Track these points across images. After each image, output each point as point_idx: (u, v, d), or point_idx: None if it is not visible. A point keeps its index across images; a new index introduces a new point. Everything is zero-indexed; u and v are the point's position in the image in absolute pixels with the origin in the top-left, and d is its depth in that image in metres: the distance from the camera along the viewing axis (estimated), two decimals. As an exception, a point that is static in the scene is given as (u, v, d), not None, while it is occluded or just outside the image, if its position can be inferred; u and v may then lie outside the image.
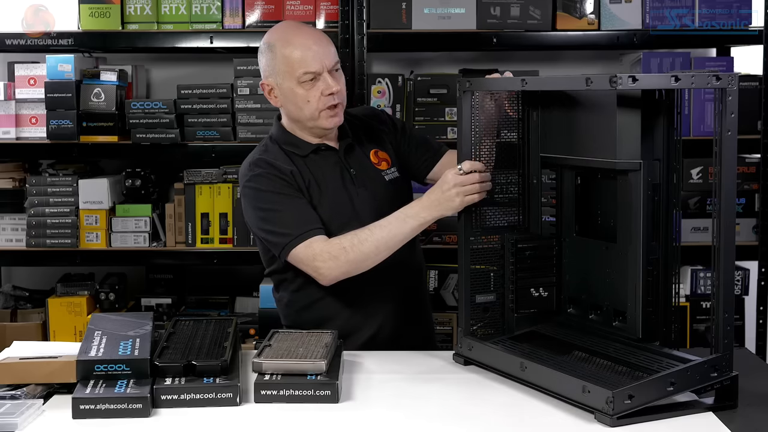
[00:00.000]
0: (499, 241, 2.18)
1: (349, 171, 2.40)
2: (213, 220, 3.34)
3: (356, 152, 2.44)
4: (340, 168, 2.40)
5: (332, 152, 2.42)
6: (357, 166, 2.42)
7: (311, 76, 2.31)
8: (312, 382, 1.92)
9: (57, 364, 1.95)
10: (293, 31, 2.38)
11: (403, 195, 2.45)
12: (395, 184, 2.45)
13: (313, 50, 2.32)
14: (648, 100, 1.92)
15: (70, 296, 3.37)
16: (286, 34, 2.36)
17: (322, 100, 2.32)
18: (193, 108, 3.31)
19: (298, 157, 2.39)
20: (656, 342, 1.99)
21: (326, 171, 2.39)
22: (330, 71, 2.33)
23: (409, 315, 2.44)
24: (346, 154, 2.42)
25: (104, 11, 3.27)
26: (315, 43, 2.33)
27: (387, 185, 2.43)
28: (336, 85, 2.33)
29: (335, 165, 2.41)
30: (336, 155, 2.42)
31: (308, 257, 2.24)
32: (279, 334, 2.16)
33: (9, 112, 3.33)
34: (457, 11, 3.23)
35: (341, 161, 2.41)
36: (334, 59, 2.35)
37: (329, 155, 2.42)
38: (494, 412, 1.88)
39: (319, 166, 2.39)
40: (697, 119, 3.25)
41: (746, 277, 3.32)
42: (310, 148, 2.40)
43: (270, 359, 1.98)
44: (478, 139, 2.17)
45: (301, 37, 2.34)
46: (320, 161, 2.40)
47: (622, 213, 2.01)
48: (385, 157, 2.47)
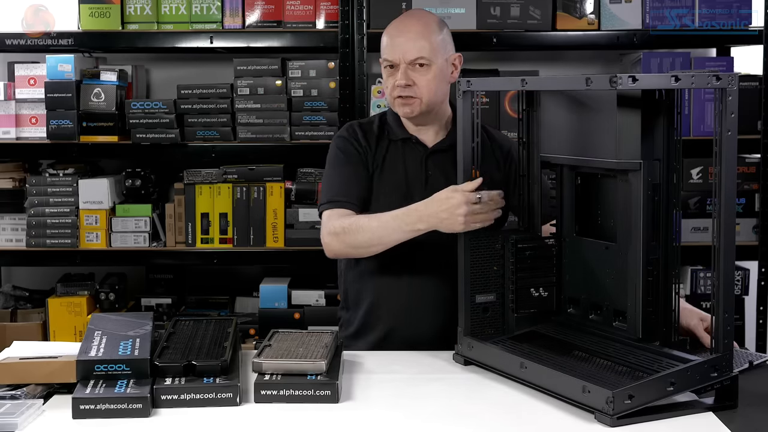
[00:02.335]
0: (499, 241, 2.18)
1: (426, 171, 2.41)
2: (213, 220, 3.34)
3: (448, 158, 2.39)
4: (418, 164, 2.42)
5: (422, 148, 2.43)
6: (437, 169, 2.41)
7: (389, 63, 2.37)
8: (312, 382, 1.92)
9: (57, 364, 1.95)
10: (398, 18, 2.45)
11: None
12: None
13: (398, 41, 2.35)
14: (648, 100, 1.92)
15: (70, 296, 3.37)
16: (396, 19, 2.45)
17: (394, 89, 2.36)
18: (193, 108, 3.31)
19: (387, 139, 2.44)
20: (656, 342, 1.99)
21: (405, 163, 2.42)
22: (411, 64, 2.34)
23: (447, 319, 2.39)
24: (433, 155, 2.42)
25: (104, 11, 3.27)
26: (403, 34, 2.36)
27: None
28: (406, 80, 2.33)
29: (416, 160, 2.42)
30: (424, 152, 2.43)
31: (324, 225, 2.35)
32: (279, 334, 2.16)
33: (9, 112, 3.33)
34: (457, 11, 3.23)
35: (423, 159, 2.42)
36: (418, 54, 2.33)
37: (417, 149, 2.43)
38: (494, 411, 1.88)
39: (401, 155, 2.42)
40: (697, 119, 3.25)
41: (746, 277, 3.32)
42: (401, 135, 2.44)
43: (270, 359, 1.98)
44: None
45: (397, 26, 2.40)
46: (406, 152, 2.43)
47: (622, 213, 2.01)
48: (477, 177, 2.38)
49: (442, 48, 2.38)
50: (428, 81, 2.35)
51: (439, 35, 2.38)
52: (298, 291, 3.37)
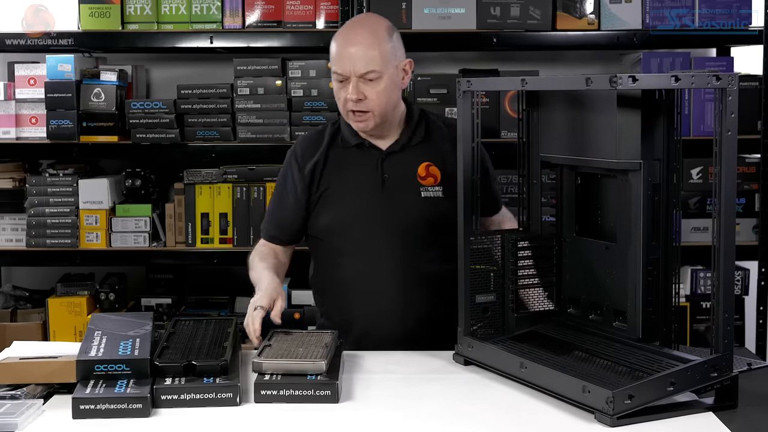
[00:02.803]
0: (499, 241, 2.18)
1: (381, 175, 2.40)
2: (213, 220, 3.34)
3: (403, 158, 2.41)
4: (374, 169, 2.40)
5: (376, 151, 2.42)
6: (393, 172, 2.40)
7: (339, 76, 2.32)
8: (312, 382, 1.92)
9: (57, 364, 1.95)
10: (346, 27, 2.39)
11: (439, 214, 2.39)
12: (431, 202, 2.39)
13: (347, 53, 2.30)
14: (648, 100, 1.92)
15: (70, 296, 3.37)
16: (344, 26, 2.40)
17: (347, 103, 2.32)
18: (193, 108, 3.31)
19: (341, 147, 2.43)
20: (656, 342, 1.99)
21: (360, 168, 2.41)
22: (361, 77, 2.29)
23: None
24: (388, 158, 2.41)
25: (104, 11, 3.27)
26: (352, 45, 2.30)
27: (421, 200, 2.39)
28: (357, 94, 2.29)
29: (371, 165, 2.41)
30: (379, 155, 2.41)
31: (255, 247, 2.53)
32: (279, 334, 2.16)
33: (9, 112, 3.33)
34: (457, 11, 3.23)
35: (379, 163, 2.41)
36: (368, 67, 2.28)
37: (371, 153, 2.41)
38: (494, 411, 1.88)
39: (355, 161, 2.41)
40: (697, 119, 3.25)
41: (746, 277, 3.32)
42: (354, 141, 2.42)
43: (270, 359, 1.98)
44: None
45: (345, 36, 2.34)
46: (360, 156, 2.42)
47: (622, 213, 2.01)
48: (436, 173, 2.40)
49: (392, 56, 2.33)
50: (379, 93, 2.31)
51: (389, 43, 2.33)
52: (298, 291, 3.37)
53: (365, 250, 2.37)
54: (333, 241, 2.41)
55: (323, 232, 2.43)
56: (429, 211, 2.39)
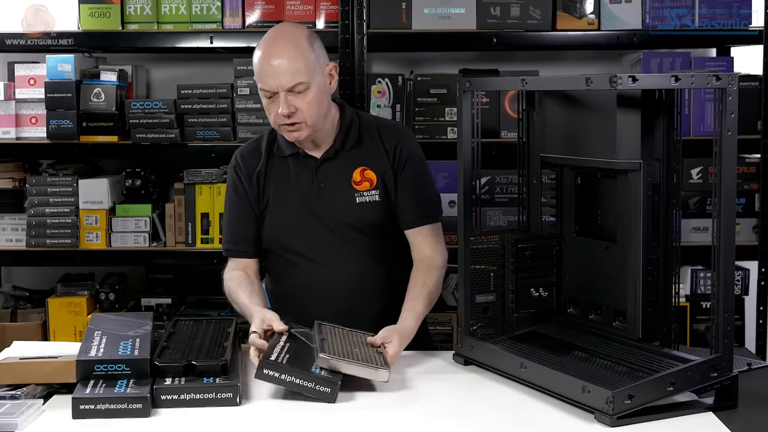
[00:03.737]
0: (499, 241, 2.18)
1: (317, 183, 2.39)
2: (213, 220, 3.34)
3: (338, 165, 2.40)
4: (310, 178, 2.40)
5: (311, 160, 2.41)
6: (329, 179, 2.39)
7: (267, 93, 2.28)
8: (314, 376, 1.92)
9: (57, 364, 1.95)
10: (266, 40, 2.31)
11: (376, 218, 2.39)
12: (368, 207, 2.39)
13: (272, 67, 2.24)
14: (648, 100, 1.92)
15: (70, 296, 3.37)
16: (264, 40, 2.32)
17: (278, 117, 2.29)
18: (193, 108, 3.31)
19: (276, 156, 2.43)
20: (656, 342, 1.99)
21: (297, 177, 2.40)
22: (290, 91, 2.25)
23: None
24: (323, 165, 2.40)
25: (104, 11, 3.27)
26: (275, 60, 2.24)
27: (356, 206, 2.38)
28: (288, 109, 2.25)
29: (308, 174, 2.40)
30: (313, 164, 2.40)
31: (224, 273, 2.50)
32: (325, 327, 2.14)
33: (9, 112, 3.33)
34: (457, 11, 3.23)
35: (313, 172, 2.40)
36: (295, 80, 2.24)
37: (307, 162, 2.41)
38: (494, 411, 1.88)
39: (293, 170, 2.41)
40: (697, 119, 3.25)
41: (746, 277, 3.32)
42: (289, 151, 2.41)
43: (337, 358, 1.97)
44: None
45: (267, 51, 2.27)
46: (297, 166, 2.41)
47: (622, 213, 2.01)
48: (371, 177, 2.40)
49: (317, 64, 2.30)
50: (309, 104, 2.28)
51: (311, 52, 2.29)
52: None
53: (314, 257, 2.38)
54: (281, 251, 2.42)
55: (272, 242, 2.44)
56: (367, 215, 2.38)
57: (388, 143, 2.42)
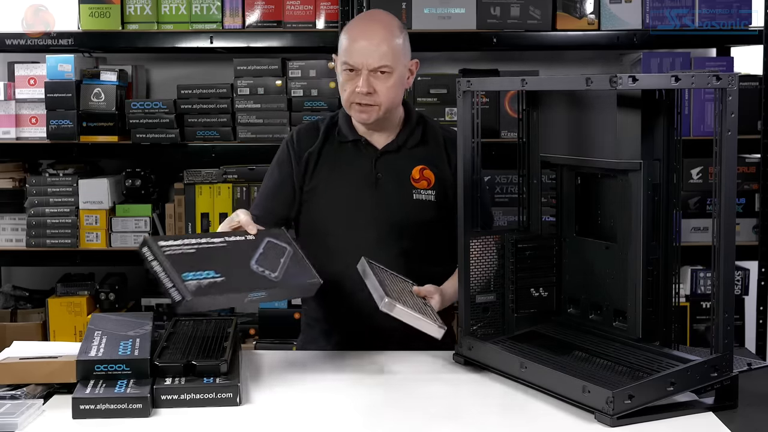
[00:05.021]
0: (499, 241, 2.18)
1: (375, 173, 2.40)
2: (213, 220, 3.34)
3: (398, 159, 2.42)
4: (369, 167, 2.40)
5: (372, 149, 2.42)
6: (388, 171, 2.40)
7: (350, 67, 2.32)
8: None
9: (57, 364, 1.95)
10: (360, 20, 2.43)
11: (427, 217, 2.40)
12: (423, 205, 2.40)
13: (359, 45, 2.30)
14: (648, 100, 1.92)
15: (70, 296, 3.37)
16: (358, 19, 2.45)
17: (353, 95, 2.33)
18: (193, 108, 3.31)
19: (336, 141, 2.43)
20: (656, 342, 1.99)
21: (354, 165, 2.41)
22: (373, 71, 2.30)
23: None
24: (383, 157, 2.41)
25: (104, 11, 3.27)
26: (366, 39, 2.30)
27: (411, 202, 2.39)
28: (367, 88, 2.30)
29: (367, 163, 2.41)
30: (374, 153, 2.42)
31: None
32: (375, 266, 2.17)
33: (9, 112, 3.33)
34: (457, 11, 3.23)
35: (374, 161, 2.41)
36: (382, 62, 2.29)
37: (368, 151, 2.42)
38: (494, 411, 1.88)
39: (351, 157, 2.41)
40: (697, 119, 3.25)
41: (746, 277, 3.32)
42: (351, 137, 2.42)
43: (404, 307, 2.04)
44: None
45: (359, 28, 2.35)
46: (356, 153, 2.42)
47: (622, 213, 2.01)
48: (430, 177, 2.41)
49: (403, 54, 2.35)
50: (388, 88, 2.32)
51: (400, 40, 2.35)
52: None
53: (355, 248, 2.34)
54: (322, 238, 2.40)
55: (311, 228, 2.43)
56: (420, 214, 2.39)
57: (454, 157, 2.36)
